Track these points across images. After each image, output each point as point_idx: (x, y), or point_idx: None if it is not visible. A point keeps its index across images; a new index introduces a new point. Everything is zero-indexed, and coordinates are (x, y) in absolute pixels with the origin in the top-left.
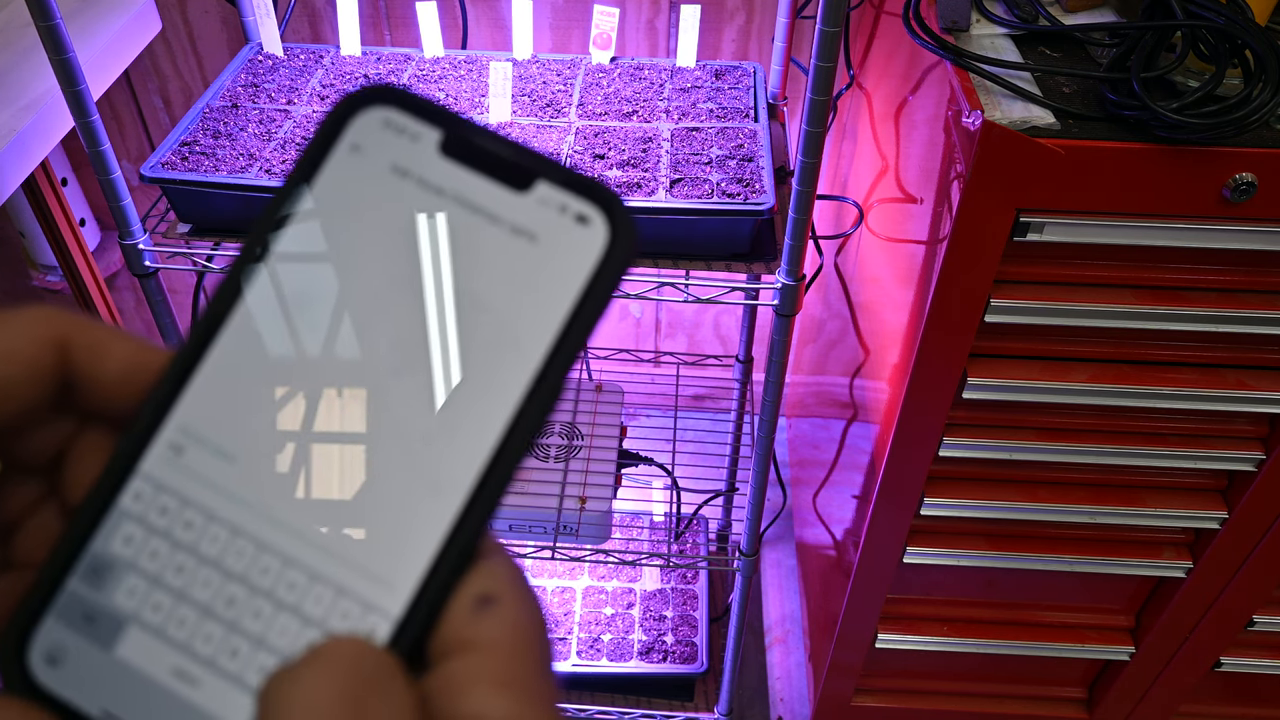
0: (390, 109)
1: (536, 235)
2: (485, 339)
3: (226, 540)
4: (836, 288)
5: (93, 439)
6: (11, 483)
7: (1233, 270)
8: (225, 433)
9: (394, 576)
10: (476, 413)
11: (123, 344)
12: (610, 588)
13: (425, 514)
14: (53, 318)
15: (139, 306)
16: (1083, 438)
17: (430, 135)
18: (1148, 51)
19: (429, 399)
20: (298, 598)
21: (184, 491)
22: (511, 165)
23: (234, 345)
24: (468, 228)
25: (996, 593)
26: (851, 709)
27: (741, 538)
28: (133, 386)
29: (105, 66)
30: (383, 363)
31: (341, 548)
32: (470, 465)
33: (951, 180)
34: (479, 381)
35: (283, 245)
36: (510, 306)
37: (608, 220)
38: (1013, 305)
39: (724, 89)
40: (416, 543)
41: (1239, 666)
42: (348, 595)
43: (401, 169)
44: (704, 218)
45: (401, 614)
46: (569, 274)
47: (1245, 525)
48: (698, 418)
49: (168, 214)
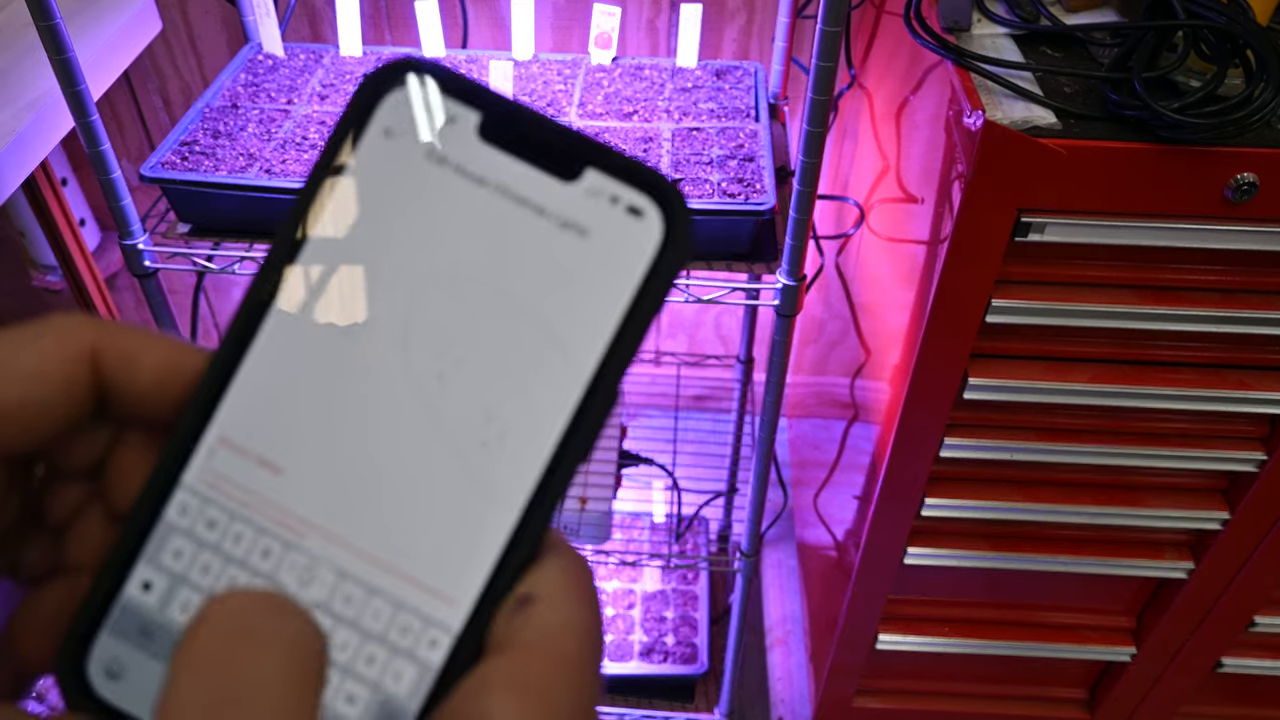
0: (422, 87)
1: (587, 229)
2: (535, 341)
3: (279, 554)
4: (837, 288)
5: (135, 442)
6: (55, 486)
7: (1234, 270)
8: (269, 442)
9: (452, 588)
10: (530, 419)
11: (155, 350)
12: (611, 588)
13: (481, 524)
14: (81, 329)
15: (139, 306)
16: (1084, 438)
17: (468, 117)
18: (1149, 51)
19: (480, 405)
20: (355, 612)
21: (230, 503)
22: (558, 151)
23: (271, 349)
24: (513, 221)
25: (998, 593)
26: (852, 710)
27: (742, 538)
28: (169, 393)
29: (105, 66)
30: (431, 366)
31: (397, 560)
32: (526, 473)
33: (953, 180)
34: (531, 386)
35: (315, 242)
36: (561, 306)
37: (663, 213)
38: (1014, 305)
39: (725, 89)
40: (473, 553)
41: (1240, 667)
42: (406, 609)
43: (440, 155)
44: (705, 218)
45: (461, 626)
46: (622, 272)
47: (1246, 526)
48: (698, 418)
49: (167, 214)
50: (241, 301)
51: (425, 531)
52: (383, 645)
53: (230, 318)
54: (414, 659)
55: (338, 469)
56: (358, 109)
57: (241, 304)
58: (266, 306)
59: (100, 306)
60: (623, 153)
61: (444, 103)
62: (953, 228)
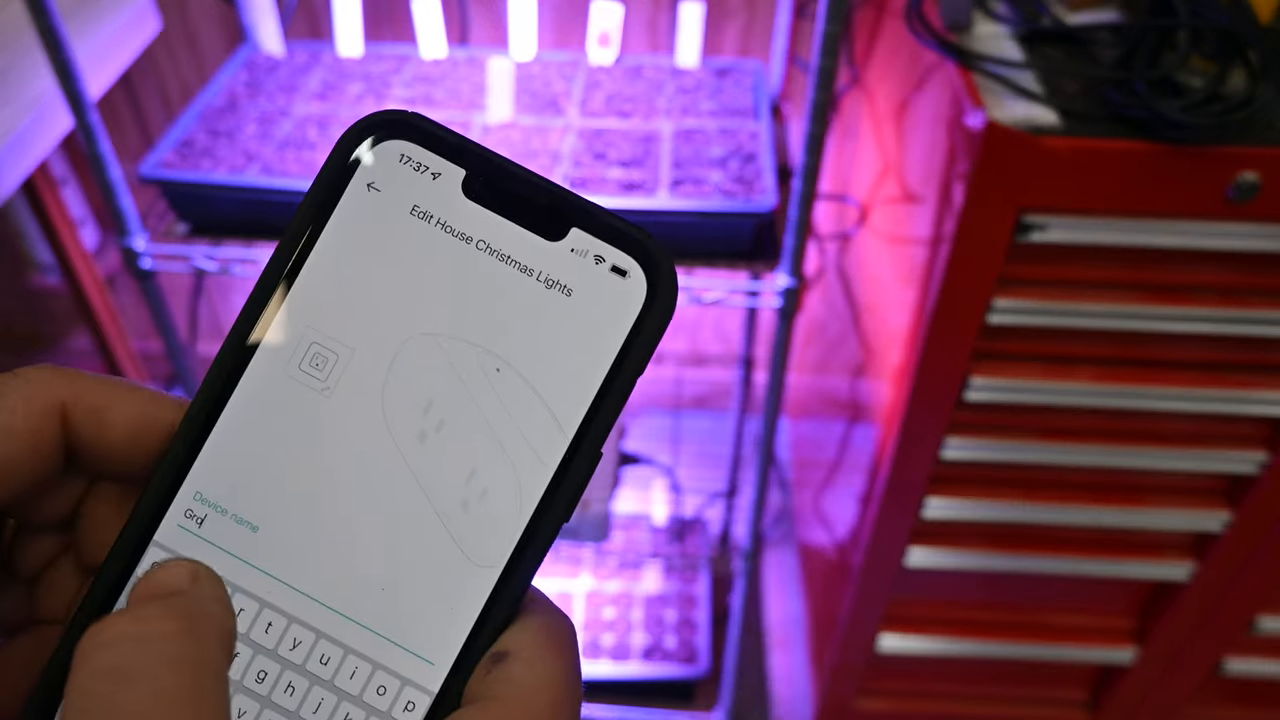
0: (407, 143)
1: (571, 288)
2: (519, 401)
3: (254, 613)
4: (838, 288)
5: (107, 494)
6: (26, 539)
7: (1236, 271)
8: (244, 500)
9: (430, 650)
10: (511, 481)
11: (127, 404)
12: (611, 589)
13: (461, 585)
14: (50, 383)
15: (138, 307)
16: (1086, 439)
17: (453, 173)
18: (1151, 51)
19: (462, 464)
20: (332, 671)
21: (204, 561)
22: (543, 209)
23: (249, 404)
24: (498, 279)
25: (999, 595)
26: (853, 711)
27: (743, 539)
28: (142, 448)
29: (104, 66)
30: (412, 425)
31: (375, 620)
32: (507, 533)
33: (954, 180)
34: (513, 447)
35: (295, 296)
36: (545, 365)
37: (647, 272)
38: (1015, 306)
39: (725, 88)
40: (452, 614)
41: (1242, 669)
42: (384, 669)
43: (423, 212)
44: (705, 218)
45: (439, 687)
46: (606, 331)
47: (1249, 527)
48: (698, 418)
49: (167, 214)
50: (219, 353)
51: (404, 592)
52: (360, 707)
53: (208, 370)
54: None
55: (315, 528)
56: (340, 161)
57: (219, 356)
58: (245, 360)
59: (99, 307)
60: (607, 212)
61: (429, 158)
62: (954, 228)
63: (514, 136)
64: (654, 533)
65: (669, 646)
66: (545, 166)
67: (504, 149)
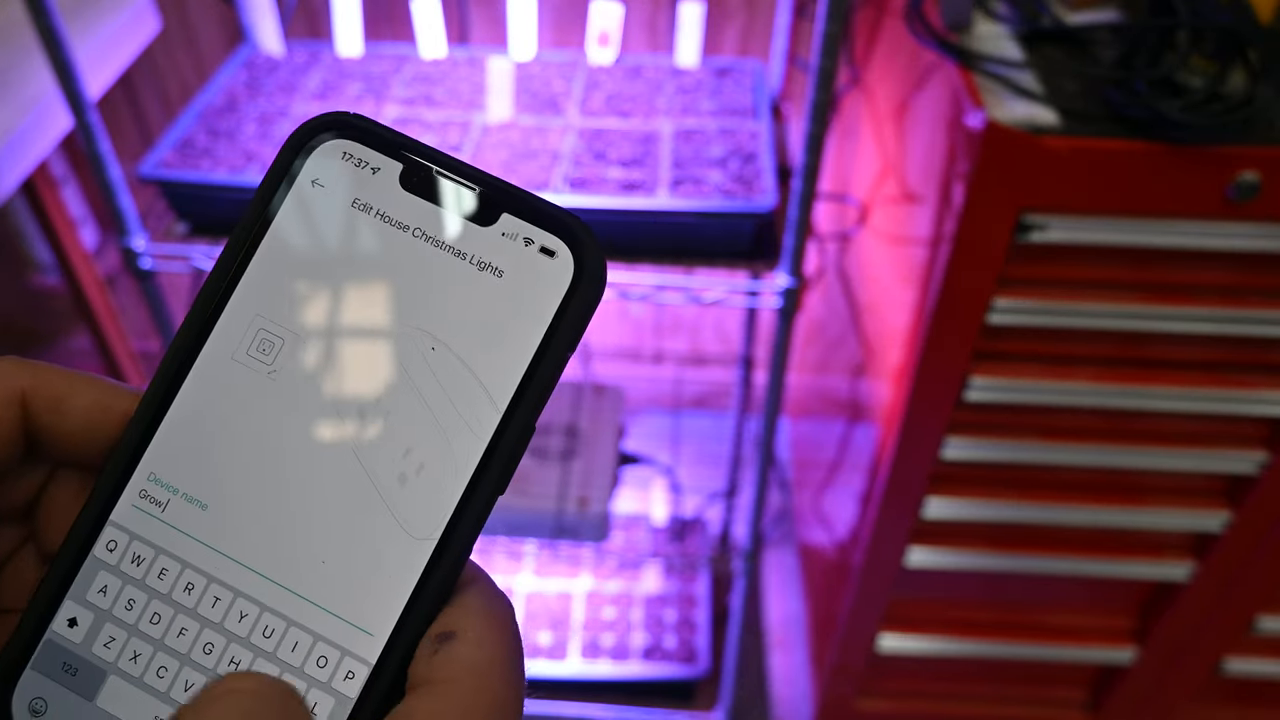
0: (348, 141)
1: (502, 270)
2: (454, 378)
3: (202, 587)
4: (838, 288)
5: (66, 484)
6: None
7: (1236, 271)
8: (195, 480)
9: (369, 621)
10: (447, 454)
11: (84, 394)
12: (611, 589)
13: (398, 557)
14: (11, 373)
15: (138, 307)
16: (1086, 439)
17: (391, 167)
18: (1151, 50)
19: (399, 440)
20: (274, 644)
21: (157, 539)
22: (474, 197)
23: (199, 390)
24: (433, 264)
25: (999, 595)
26: (853, 711)
27: (743, 539)
28: (97, 436)
29: (104, 66)
30: (352, 405)
31: (315, 593)
32: (442, 507)
33: (954, 180)
34: (448, 422)
35: (244, 286)
36: (478, 343)
37: (574, 253)
38: (1015, 306)
39: (725, 88)
40: (390, 586)
41: (1242, 669)
42: (324, 640)
43: (364, 204)
44: (705, 218)
45: (377, 658)
46: (536, 309)
47: (1248, 527)
48: (698, 418)
49: (166, 214)
50: (172, 341)
51: (344, 565)
52: (300, 677)
53: (160, 361)
54: (331, 691)
55: (260, 505)
56: (286, 159)
57: (172, 343)
58: (197, 347)
59: (99, 307)
60: (536, 197)
61: (369, 154)
62: (954, 228)
63: (514, 136)
64: (654, 533)
65: (669, 646)
66: (545, 166)
67: (504, 149)
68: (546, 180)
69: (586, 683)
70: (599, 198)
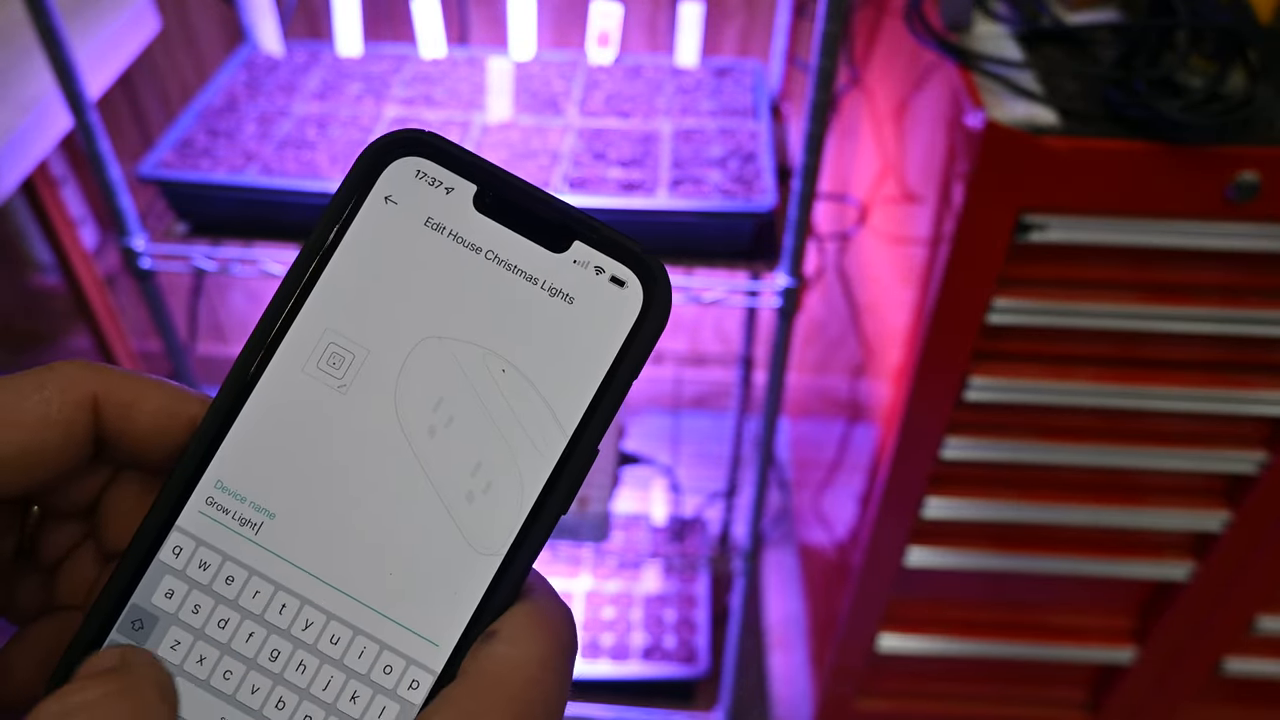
0: (422, 159)
1: (573, 296)
2: (523, 400)
3: (269, 594)
4: (838, 288)
5: (129, 484)
6: (49, 526)
7: (1236, 271)
8: (263, 489)
9: (435, 632)
10: (514, 474)
11: (154, 398)
12: (610, 589)
13: (465, 571)
14: (83, 377)
15: (138, 307)
16: (1085, 439)
17: (465, 188)
18: (1151, 50)
19: (468, 458)
20: (341, 651)
21: (224, 546)
22: (547, 223)
23: (268, 399)
24: (505, 287)
25: (999, 595)
26: (853, 711)
27: (742, 539)
28: (164, 440)
29: (104, 66)
30: (422, 421)
31: (383, 604)
32: (509, 523)
33: (953, 180)
34: (516, 443)
35: (316, 297)
36: (547, 367)
37: (643, 283)
38: (1015, 306)
39: (725, 88)
40: (456, 599)
41: (1242, 669)
42: (390, 649)
43: (437, 223)
44: (705, 218)
45: (442, 667)
46: (605, 337)
47: (1248, 527)
48: (698, 418)
49: (166, 214)
50: (241, 352)
51: (411, 577)
52: (366, 684)
53: (231, 367)
54: (397, 698)
55: (328, 516)
56: (361, 174)
57: (241, 354)
58: (266, 358)
59: (99, 307)
60: (608, 226)
61: (444, 174)
62: (954, 228)
63: (513, 136)
64: (654, 533)
65: (668, 646)
66: (545, 166)
67: (504, 148)
68: (546, 180)
69: (586, 682)
70: (599, 198)
